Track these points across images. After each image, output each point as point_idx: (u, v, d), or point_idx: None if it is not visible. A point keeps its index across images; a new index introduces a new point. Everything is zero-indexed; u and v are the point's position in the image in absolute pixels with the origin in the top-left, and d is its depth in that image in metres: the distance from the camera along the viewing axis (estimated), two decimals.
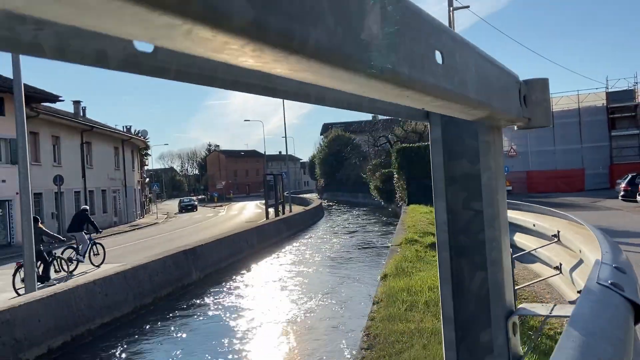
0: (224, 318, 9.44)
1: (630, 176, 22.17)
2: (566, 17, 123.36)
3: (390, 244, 12.40)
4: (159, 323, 9.15)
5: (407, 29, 0.53)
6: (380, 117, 60.39)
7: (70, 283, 8.57)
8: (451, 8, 17.38)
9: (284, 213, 28.00)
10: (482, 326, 1.23)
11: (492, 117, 1.04)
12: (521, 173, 39.11)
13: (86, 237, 14.05)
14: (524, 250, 6.07)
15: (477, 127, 1.28)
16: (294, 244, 19.96)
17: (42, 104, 28.14)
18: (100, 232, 15.38)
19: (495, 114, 0.99)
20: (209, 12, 0.29)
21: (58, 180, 26.05)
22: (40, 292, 7.72)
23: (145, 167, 56.41)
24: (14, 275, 10.00)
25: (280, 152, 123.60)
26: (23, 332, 6.49)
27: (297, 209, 32.81)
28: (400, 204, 26.68)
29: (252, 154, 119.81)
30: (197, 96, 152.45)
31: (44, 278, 10.97)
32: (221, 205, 64.40)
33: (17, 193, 26.88)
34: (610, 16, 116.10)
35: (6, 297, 8.59)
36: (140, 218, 45.43)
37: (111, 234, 27.48)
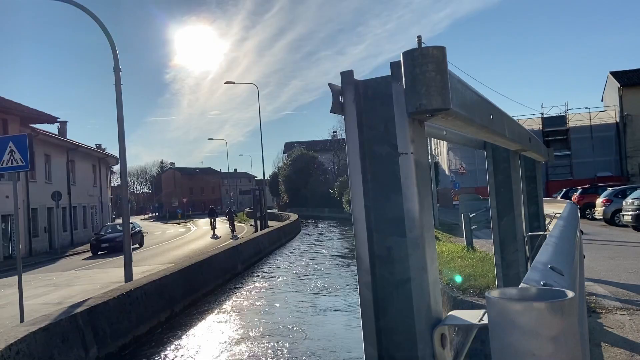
0: (259, 285, 12.71)
1: (564, 190, 26.74)
2: (502, 43, 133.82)
3: None
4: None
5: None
6: (342, 136, 64.19)
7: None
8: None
9: (267, 226, 30.72)
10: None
11: (522, 150, 4.27)
12: (470, 189, 43.80)
13: None
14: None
15: (511, 154, 4.51)
16: (296, 243, 23.22)
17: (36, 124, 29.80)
18: None
19: (523, 147, 4.24)
20: None
21: (57, 196, 27.69)
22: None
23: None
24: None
25: (235, 169, 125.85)
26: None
27: (275, 223, 35.47)
28: None
29: (208, 172, 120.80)
30: (136, 112, 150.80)
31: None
32: (185, 222, 65.69)
33: (19, 208, 28.27)
34: (544, 43, 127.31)
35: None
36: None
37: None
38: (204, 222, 57.12)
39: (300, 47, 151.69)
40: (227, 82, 36.72)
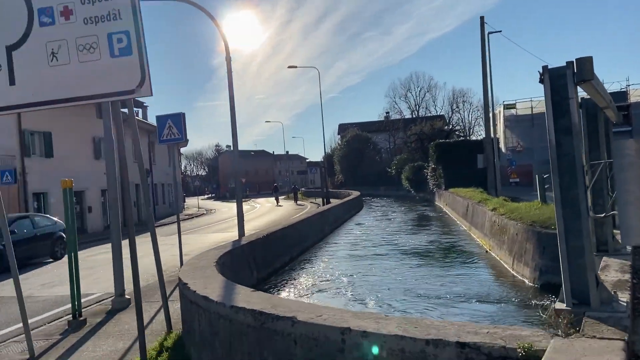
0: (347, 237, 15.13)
1: None
2: (556, 16, 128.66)
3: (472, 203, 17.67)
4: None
5: None
6: (394, 117, 65.41)
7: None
8: (487, 33, 22.44)
9: (329, 203, 32.95)
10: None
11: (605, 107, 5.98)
12: (527, 166, 44.18)
13: None
14: None
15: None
16: (365, 214, 25.50)
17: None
18: None
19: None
20: None
21: (147, 174, 30.95)
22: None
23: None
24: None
25: (287, 151, 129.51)
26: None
27: (335, 200, 37.77)
28: (433, 190, 31.87)
29: (261, 154, 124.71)
30: (186, 97, 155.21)
31: None
32: (246, 200, 69.10)
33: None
34: (603, 16, 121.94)
35: None
36: (183, 210, 50.20)
37: (195, 217, 32.68)
38: (263, 201, 60.43)
39: (345, 29, 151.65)
40: (290, 67, 38.85)
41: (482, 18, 22.45)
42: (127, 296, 8.91)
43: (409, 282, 10.24)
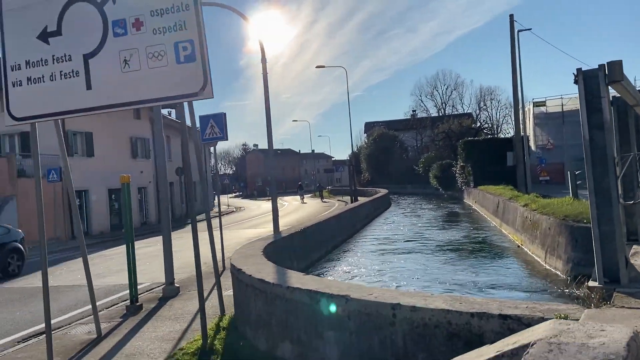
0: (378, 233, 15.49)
1: None
2: (584, 14, 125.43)
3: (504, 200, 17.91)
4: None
5: None
6: (421, 115, 65.33)
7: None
8: (516, 31, 22.47)
9: (357, 200, 33.34)
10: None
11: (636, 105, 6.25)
12: (558, 164, 43.57)
13: None
14: None
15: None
16: (394, 211, 25.88)
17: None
18: None
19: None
20: None
21: (179, 172, 31.91)
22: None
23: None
24: None
25: (313, 150, 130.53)
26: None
27: (362, 198, 38.18)
28: (462, 188, 31.93)
29: (287, 152, 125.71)
30: (214, 97, 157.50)
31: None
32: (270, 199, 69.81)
33: (149, 182, 32.93)
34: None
35: None
36: (213, 208, 51.27)
37: (225, 214, 33.53)
38: (290, 199, 61.20)
39: (370, 27, 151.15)
40: (318, 67, 39.41)
41: (511, 16, 22.50)
42: (176, 284, 9.54)
43: (443, 273, 10.62)
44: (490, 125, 60.39)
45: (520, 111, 24.40)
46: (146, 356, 5.78)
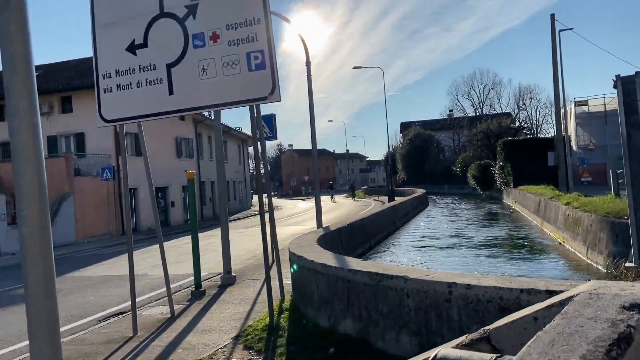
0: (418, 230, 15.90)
1: None
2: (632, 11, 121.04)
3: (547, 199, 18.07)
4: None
5: None
6: (457, 115, 64.88)
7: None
8: (557, 30, 22.42)
9: (394, 199, 33.72)
10: None
11: None
12: (600, 165, 42.65)
13: None
14: None
15: None
16: (433, 210, 26.20)
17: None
18: None
19: None
20: None
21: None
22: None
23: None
24: None
25: (347, 150, 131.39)
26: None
27: (399, 198, 38.53)
28: (501, 188, 31.87)
29: (322, 152, 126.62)
30: None
31: None
32: (308, 198, 70.82)
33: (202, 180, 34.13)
34: None
35: None
36: (251, 207, 52.62)
37: (267, 212, 34.60)
38: (326, 198, 61.96)
39: (405, 26, 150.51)
40: (355, 67, 39.88)
41: (552, 16, 22.47)
42: (233, 274, 10.30)
43: (485, 266, 11.04)
44: (530, 125, 59.51)
45: (562, 111, 24.26)
46: (219, 331, 6.50)
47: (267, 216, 7.49)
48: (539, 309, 2.59)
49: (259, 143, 7.10)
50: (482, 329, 2.58)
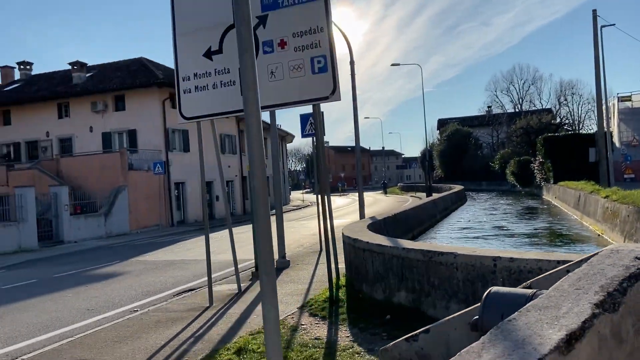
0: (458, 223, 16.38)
1: None
2: None
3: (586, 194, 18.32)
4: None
5: None
6: (496, 111, 64.22)
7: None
8: (599, 26, 22.38)
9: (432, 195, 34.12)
10: None
11: None
12: None
13: None
14: None
15: None
16: (469, 203, 26.60)
17: None
18: None
19: None
20: None
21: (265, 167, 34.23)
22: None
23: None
24: None
25: (383, 147, 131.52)
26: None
27: (436, 194, 38.88)
28: (540, 184, 31.83)
29: None
30: None
31: None
32: (345, 194, 71.63)
33: (235, 175, 35.56)
34: None
35: None
36: (289, 202, 53.84)
37: (302, 207, 35.53)
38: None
39: (441, 21, 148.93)
40: (393, 64, 40.31)
41: (594, 11, 22.43)
42: (287, 258, 11.21)
43: None
44: (572, 121, 58.43)
45: (604, 106, 24.13)
46: (284, 303, 7.37)
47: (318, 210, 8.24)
48: (571, 264, 3.30)
49: (316, 142, 7.87)
50: (527, 282, 3.31)
